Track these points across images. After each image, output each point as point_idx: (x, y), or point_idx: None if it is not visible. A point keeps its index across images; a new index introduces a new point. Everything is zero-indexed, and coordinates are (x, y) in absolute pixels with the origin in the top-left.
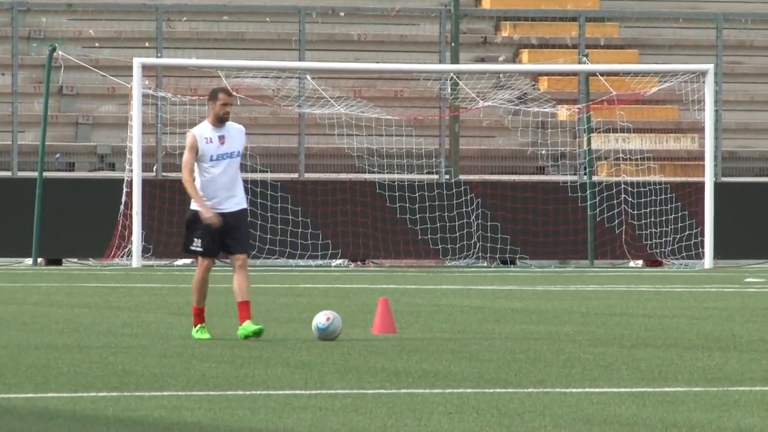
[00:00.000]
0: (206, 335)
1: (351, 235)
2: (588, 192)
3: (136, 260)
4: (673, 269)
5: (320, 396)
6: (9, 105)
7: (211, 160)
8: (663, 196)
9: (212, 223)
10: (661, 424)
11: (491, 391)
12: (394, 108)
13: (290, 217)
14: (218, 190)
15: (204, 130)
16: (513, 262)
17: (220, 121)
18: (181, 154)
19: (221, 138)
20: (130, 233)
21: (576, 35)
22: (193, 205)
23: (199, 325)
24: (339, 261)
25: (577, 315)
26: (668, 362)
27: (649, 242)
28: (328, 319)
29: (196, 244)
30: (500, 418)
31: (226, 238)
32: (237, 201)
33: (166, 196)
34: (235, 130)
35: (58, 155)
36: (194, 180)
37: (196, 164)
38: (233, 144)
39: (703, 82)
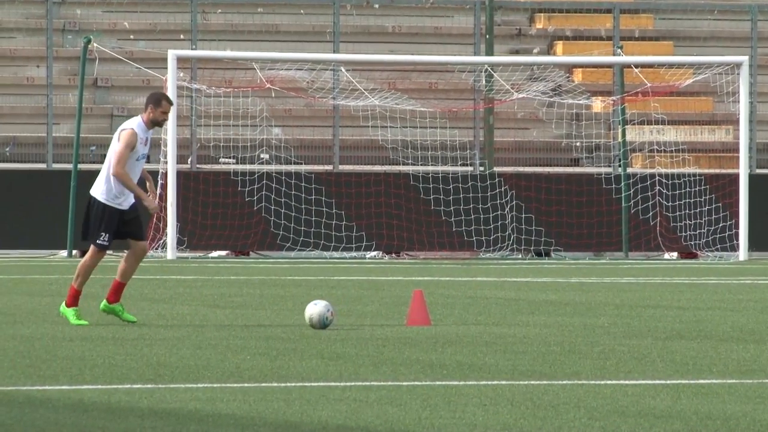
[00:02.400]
0: (84, 321)
1: (385, 227)
2: (622, 184)
3: (170, 252)
4: (707, 261)
5: (355, 388)
6: (44, 97)
7: (137, 159)
8: (697, 188)
9: (154, 210)
10: (696, 416)
11: (526, 383)
12: (429, 100)
13: (324, 209)
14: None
15: (140, 130)
16: (547, 254)
17: (154, 125)
18: (215, 147)
19: (146, 140)
20: (165, 225)
21: (610, 27)
22: (100, 197)
23: (74, 308)
24: (373, 253)
25: (612, 307)
26: (703, 354)
27: (683, 234)
28: (332, 314)
29: (104, 239)
30: (535, 410)
31: (126, 228)
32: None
33: (201, 189)
34: (150, 133)
35: (93, 147)
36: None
37: None
38: (149, 146)
39: (738, 74)
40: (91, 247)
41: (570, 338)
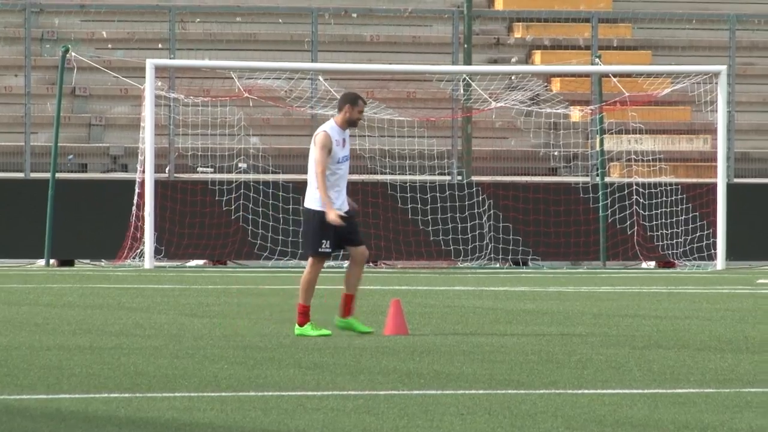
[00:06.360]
0: (325, 331)
1: (363, 236)
2: (600, 193)
3: (148, 261)
4: (685, 270)
5: (332, 397)
6: (22, 106)
7: (338, 162)
8: (675, 197)
9: (337, 223)
10: (673, 425)
11: (503, 392)
12: (407, 109)
13: (302, 218)
14: (340, 191)
15: (333, 132)
16: (525, 264)
17: (350, 125)
18: (193, 156)
19: (344, 141)
20: (142, 234)
21: (589, 36)
22: (314, 206)
23: (308, 324)
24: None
25: (589, 316)
26: (680, 363)
27: (661, 243)
28: None
29: (325, 246)
30: (512, 420)
31: (346, 235)
32: (347, 201)
33: (179, 198)
34: (347, 134)
35: (71, 156)
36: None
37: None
38: (348, 147)
39: (716, 83)
40: (309, 258)
41: (547, 347)
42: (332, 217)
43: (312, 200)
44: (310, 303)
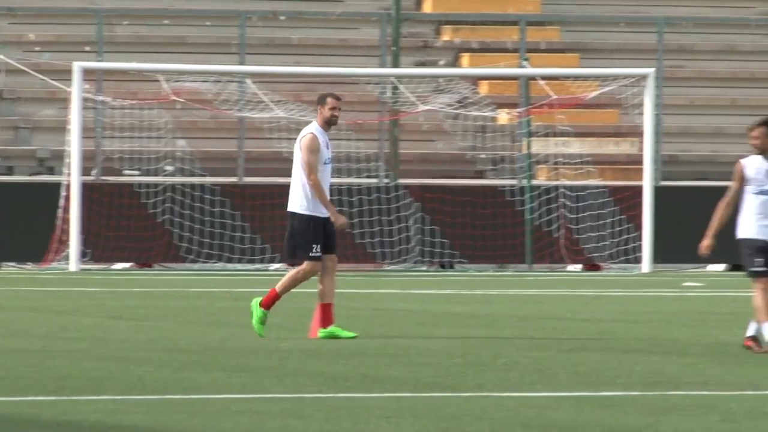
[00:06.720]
0: (261, 331)
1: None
2: (527, 196)
3: (74, 264)
4: (611, 273)
5: (258, 400)
6: None
7: (324, 164)
8: (602, 200)
9: (344, 226)
10: (599, 428)
11: (429, 395)
12: None
13: (228, 221)
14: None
15: (319, 134)
16: (451, 266)
17: (329, 124)
18: (120, 159)
19: (327, 143)
20: (69, 237)
21: (517, 39)
22: (300, 210)
23: (264, 312)
24: (277, 265)
25: (516, 319)
26: (606, 366)
27: (587, 246)
28: None
29: (316, 250)
30: (438, 423)
31: (325, 240)
32: None
33: (105, 200)
34: (327, 136)
35: None
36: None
37: None
38: (331, 150)
39: (644, 86)
40: (305, 263)
41: (473, 350)
42: (340, 221)
43: (297, 204)
44: (282, 297)
